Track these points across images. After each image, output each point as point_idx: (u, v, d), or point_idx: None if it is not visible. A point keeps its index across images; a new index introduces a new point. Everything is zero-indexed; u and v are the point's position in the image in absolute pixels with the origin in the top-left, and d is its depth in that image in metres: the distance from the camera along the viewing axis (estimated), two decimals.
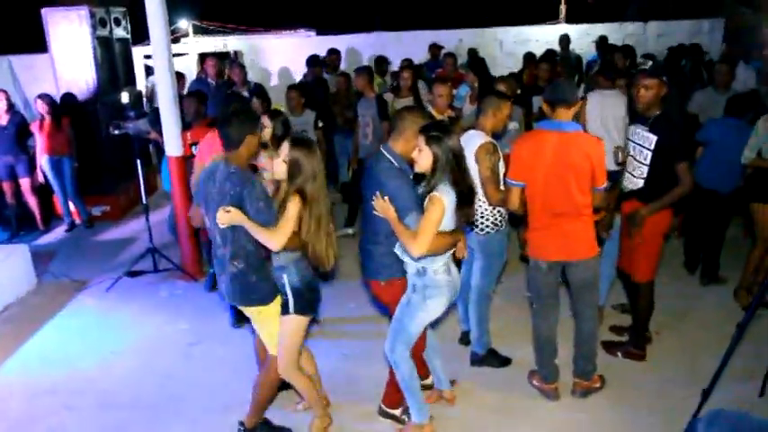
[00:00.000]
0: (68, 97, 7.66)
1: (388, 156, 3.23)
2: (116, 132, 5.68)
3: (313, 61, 8.31)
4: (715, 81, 6.09)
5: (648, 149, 3.90)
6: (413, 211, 3.03)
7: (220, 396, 3.80)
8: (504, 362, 4.20)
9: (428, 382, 3.79)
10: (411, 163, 3.15)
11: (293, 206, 3.02)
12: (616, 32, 11.46)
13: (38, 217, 7.48)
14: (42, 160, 7.19)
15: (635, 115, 4.22)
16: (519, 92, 6.47)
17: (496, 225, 3.90)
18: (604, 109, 5.29)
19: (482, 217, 3.87)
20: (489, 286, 4.06)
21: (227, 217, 2.99)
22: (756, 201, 4.86)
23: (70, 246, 7.07)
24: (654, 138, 3.86)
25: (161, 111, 5.55)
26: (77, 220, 7.61)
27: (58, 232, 7.48)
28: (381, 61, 9.35)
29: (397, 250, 3.18)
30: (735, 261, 5.46)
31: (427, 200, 3.00)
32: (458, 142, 3.07)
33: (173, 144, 5.51)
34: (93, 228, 7.57)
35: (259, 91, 6.91)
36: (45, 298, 5.62)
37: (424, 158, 3.02)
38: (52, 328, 5.06)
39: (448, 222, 3.04)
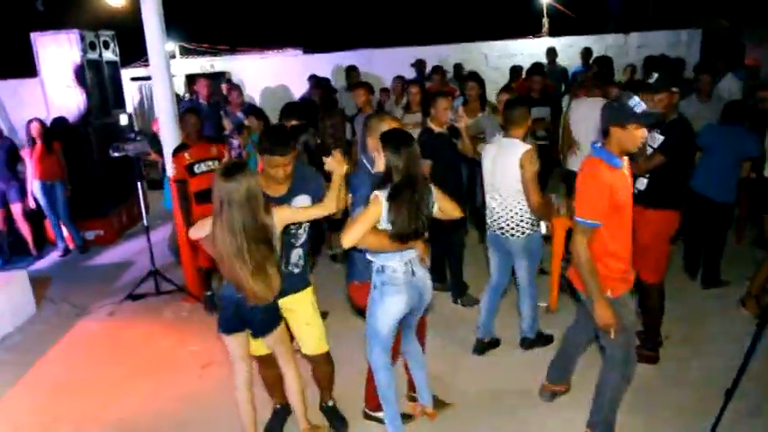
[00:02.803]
0: (59, 121, 7.57)
1: (364, 159, 3.52)
2: (116, 155, 5.61)
3: (315, 80, 8.34)
4: (699, 90, 6.23)
5: (653, 149, 4.00)
6: (360, 206, 3.20)
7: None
8: (548, 340, 4.54)
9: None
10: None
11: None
12: (597, 44, 11.64)
13: (30, 243, 7.36)
14: (34, 186, 7.08)
15: None
16: None
17: (533, 225, 4.14)
18: (590, 115, 5.39)
19: (521, 220, 4.10)
20: (534, 280, 4.39)
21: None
22: None
23: (66, 271, 6.95)
24: (661, 138, 3.97)
25: (161, 131, 5.52)
26: (71, 245, 7.51)
27: (52, 258, 7.37)
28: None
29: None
30: (734, 264, 5.57)
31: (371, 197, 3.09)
32: (412, 157, 3.04)
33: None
34: (87, 252, 7.47)
35: (253, 109, 6.89)
36: (46, 325, 5.50)
37: (380, 161, 3.18)
38: (57, 355, 4.96)
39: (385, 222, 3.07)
